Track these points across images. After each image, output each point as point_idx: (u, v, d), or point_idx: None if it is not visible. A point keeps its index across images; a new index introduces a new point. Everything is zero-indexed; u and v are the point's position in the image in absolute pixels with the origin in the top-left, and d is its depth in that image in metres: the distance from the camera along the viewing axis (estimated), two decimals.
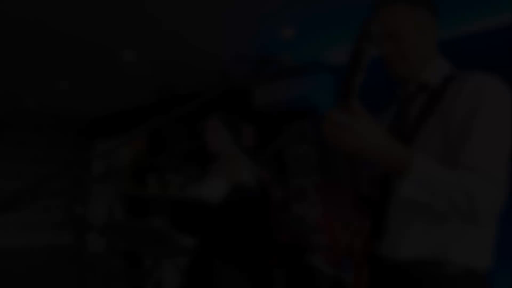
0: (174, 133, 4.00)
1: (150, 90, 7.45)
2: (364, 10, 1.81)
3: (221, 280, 2.82)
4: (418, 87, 1.70)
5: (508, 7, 3.97)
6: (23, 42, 5.75)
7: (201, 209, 2.97)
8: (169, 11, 4.61)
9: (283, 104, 6.32)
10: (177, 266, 3.73)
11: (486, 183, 1.36)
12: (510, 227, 4.03)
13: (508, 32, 4.26)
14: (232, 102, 7.16)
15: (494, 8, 4.10)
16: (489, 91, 1.48)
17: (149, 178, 11.24)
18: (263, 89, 6.65)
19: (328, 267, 4.37)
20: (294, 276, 4.30)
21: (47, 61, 6.72)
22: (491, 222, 1.55)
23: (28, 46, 5.93)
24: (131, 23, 5.00)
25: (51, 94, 8.99)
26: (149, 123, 1.58)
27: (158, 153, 3.63)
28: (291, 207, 6.41)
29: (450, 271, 1.50)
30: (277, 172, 4.46)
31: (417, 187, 1.37)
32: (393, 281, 1.61)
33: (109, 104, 9.85)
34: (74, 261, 8.90)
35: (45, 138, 11.49)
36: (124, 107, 10.12)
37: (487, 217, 1.40)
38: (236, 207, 2.75)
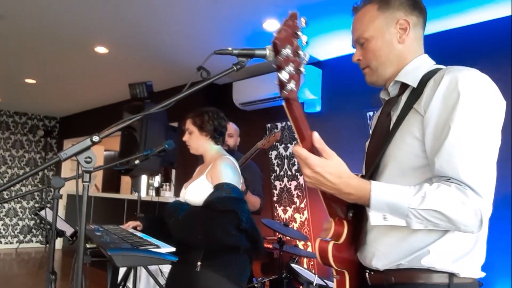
0: (150, 133, 3.94)
1: (124, 87, 7.42)
2: (350, 2, 1.81)
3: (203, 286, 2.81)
4: (400, 88, 1.72)
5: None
6: None
7: (185, 211, 2.95)
8: (145, 3, 4.56)
9: (265, 101, 6.32)
10: (159, 272, 3.70)
11: (462, 196, 1.36)
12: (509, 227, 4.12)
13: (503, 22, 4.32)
14: (213, 99, 7.15)
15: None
16: (464, 86, 1.45)
17: (124, 180, 11.18)
18: (243, 85, 6.65)
19: (313, 275, 4.37)
20: (278, 283, 4.30)
21: (14, 57, 6.65)
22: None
23: None
24: (104, 17, 4.93)
25: (18, 91, 8.90)
26: (123, 122, 1.55)
27: (132, 154, 3.59)
28: (275, 210, 6.42)
29: (429, 279, 1.50)
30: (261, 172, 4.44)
31: (386, 215, 1.43)
32: None
33: (79, 101, 9.78)
34: (42, 266, 8.87)
35: (13, 137, 11.36)
36: (96, 105, 10.06)
37: (467, 226, 1.37)
38: (220, 209, 2.74)
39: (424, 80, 1.60)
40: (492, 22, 4.45)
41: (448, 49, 4.66)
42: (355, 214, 1.60)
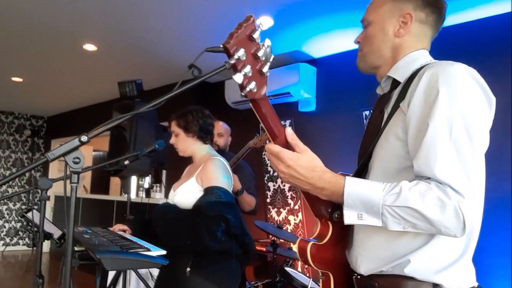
0: (140, 132, 3.94)
1: (113, 85, 7.40)
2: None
3: None
4: (391, 83, 1.70)
5: None
6: None
7: (174, 214, 2.94)
8: (136, 1, 4.56)
9: None
10: (149, 276, 3.69)
11: (440, 194, 1.30)
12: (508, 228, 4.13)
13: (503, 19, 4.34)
14: (205, 98, 7.14)
15: None
16: (443, 81, 1.40)
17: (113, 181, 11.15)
18: (236, 84, 6.64)
19: (307, 278, 4.37)
20: (271, 286, 4.30)
21: (0, 55, 6.63)
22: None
23: None
24: (92, 14, 4.91)
25: (4, 90, 8.86)
26: (112, 121, 1.54)
27: (122, 154, 3.58)
28: (268, 212, 6.41)
29: (411, 286, 1.47)
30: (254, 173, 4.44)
31: (361, 214, 1.39)
32: None
33: (67, 100, 9.76)
34: (29, 269, 8.84)
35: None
36: (84, 104, 10.04)
37: (448, 228, 1.32)
38: (209, 215, 2.73)
39: (412, 77, 1.56)
40: (491, 19, 4.47)
41: (447, 47, 4.67)
42: (342, 216, 1.54)
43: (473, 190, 1.32)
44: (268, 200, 6.56)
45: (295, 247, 1.66)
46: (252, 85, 1.40)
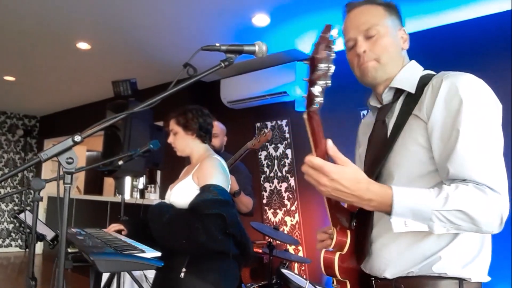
0: (134, 132, 3.93)
1: (107, 84, 7.39)
2: None
3: None
4: (394, 93, 1.76)
5: None
6: None
7: (169, 214, 2.93)
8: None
9: (255, 100, 6.31)
10: (143, 278, 3.68)
11: (482, 194, 1.39)
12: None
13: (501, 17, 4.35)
14: (200, 97, 7.14)
15: None
16: (465, 90, 1.50)
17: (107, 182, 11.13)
18: (232, 83, 6.64)
19: (304, 280, 4.38)
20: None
21: None
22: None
23: None
24: (86, 12, 4.90)
25: None
26: (106, 121, 1.54)
27: (116, 154, 3.56)
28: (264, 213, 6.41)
29: (439, 286, 1.54)
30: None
31: (407, 221, 1.42)
32: None
33: (60, 100, 9.74)
34: (21, 271, 8.82)
35: None
36: (78, 103, 10.02)
37: (489, 226, 1.40)
38: (206, 213, 2.72)
39: (421, 86, 1.65)
40: (491, 17, 4.48)
41: (446, 45, 4.69)
42: (358, 223, 1.62)
43: (506, 187, 1.43)
44: (264, 201, 6.56)
45: (321, 259, 1.66)
46: (321, 98, 1.39)
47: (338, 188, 1.42)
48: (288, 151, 6.35)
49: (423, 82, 1.66)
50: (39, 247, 10.14)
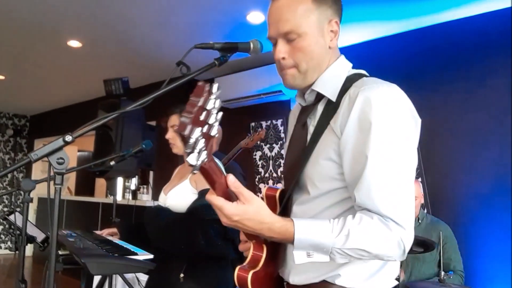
0: (126, 132, 3.92)
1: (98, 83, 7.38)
2: None
3: None
4: (315, 97, 1.67)
5: None
6: None
7: (167, 218, 2.92)
8: None
9: (249, 99, 6.31)
10: (135, 280, 3.68)
11: (385, 230, 1.40)
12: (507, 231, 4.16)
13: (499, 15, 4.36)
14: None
15: None
16: (377, 110, 1.44)
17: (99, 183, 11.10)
18: (226, 82, 6.64)
19: None
20: None
21: None
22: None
23: None
24: (77, 9, 4.89)
25: None
26: (97, 120, 1.54)
27: (107, 155, 3.56)
28: None
29: None
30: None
31: (308, 252, 1.44)
32: None
33: (51, 99, 9.72)
34: (11, 274, 8.80)
35: None
36: (69, 102, 10.00)
37: (390, 258, 1.46)
38: (205, 218, 2.70)
39: (342, 91, 1.57)
40: (491, 14, 4.49)
41: (446, 42, 4.70)
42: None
43: (411, 219, 1.44)
44: None
45: (235, 275, 1.65)
46: (204, 155, 1.26)
47: (240, 227, 1.44)
48: (284, 151, 6.34)
49: (345, 87, 1.57)
50: (29, 249, 10.12)
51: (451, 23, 4.74)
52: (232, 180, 1.42)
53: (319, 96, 1.64)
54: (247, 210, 1.41)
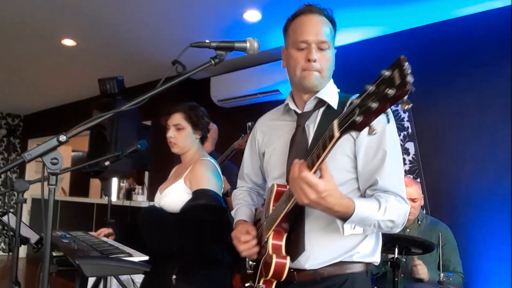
0: (121, 132, 3.92)
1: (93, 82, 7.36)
2: None
3: None
4: (317, 103, 2.04)
5: None
6: None
7: (161, 219, 2.91)
8: None
9: (246, 98, 6.31)
10: (130, 282, 3.68)
11: (401, 205, 1.83)
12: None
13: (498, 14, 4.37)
14: (190, 96, 7.13)
15: None
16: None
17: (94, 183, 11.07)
18: (222, 81, 6.63)
19: None
20: None
21: None
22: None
23: None
24: (71, 7, 4.87)
25: None
26: (92, 120, 1.54)
27: (102, 155, 3.55)
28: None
29: (355, 268, 1.93)
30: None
31: (355, 226, 1.80)
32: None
33: (45, 98, 9.71)
34: (4, 276, 8.78)
35: None
36: (63, 102, 9.99)
37: (399, 228, 1.87)
38: (199, 219, 2.70)
39: (341, 102, 1.97)
40: (490, 13, 4.49)
41: (445, 40, 4.70)
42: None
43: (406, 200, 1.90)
44: None
45: (272, 266, 1.89)
46: None
47: (321, 203, 1.62)
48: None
49: (342, 100, 1.98)
50: (22, 250, 10.11)
51: (451, 22, 4.74)
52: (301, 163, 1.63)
53: (319, 104, 2.03)
54: (334, 187, 1.64)
